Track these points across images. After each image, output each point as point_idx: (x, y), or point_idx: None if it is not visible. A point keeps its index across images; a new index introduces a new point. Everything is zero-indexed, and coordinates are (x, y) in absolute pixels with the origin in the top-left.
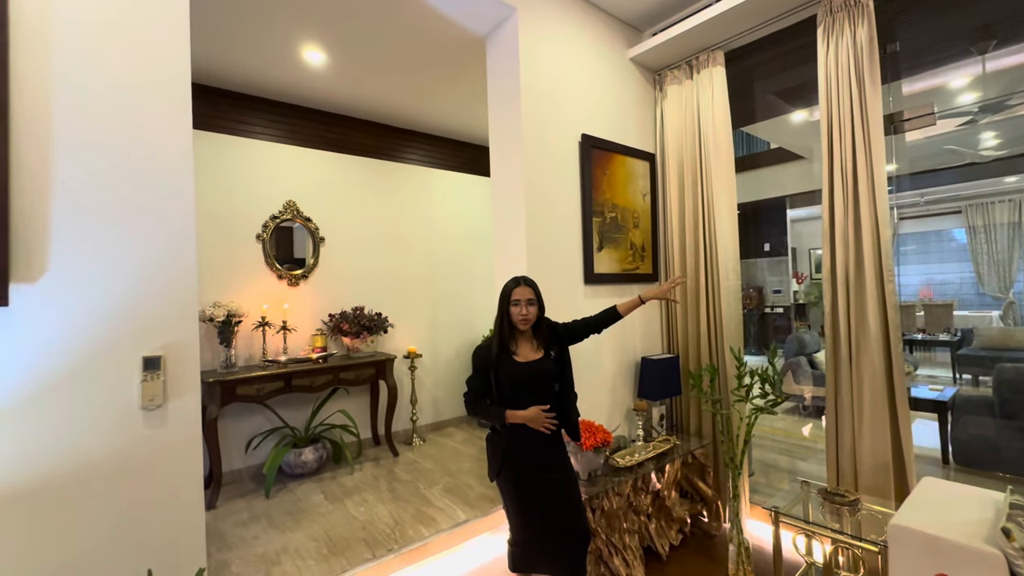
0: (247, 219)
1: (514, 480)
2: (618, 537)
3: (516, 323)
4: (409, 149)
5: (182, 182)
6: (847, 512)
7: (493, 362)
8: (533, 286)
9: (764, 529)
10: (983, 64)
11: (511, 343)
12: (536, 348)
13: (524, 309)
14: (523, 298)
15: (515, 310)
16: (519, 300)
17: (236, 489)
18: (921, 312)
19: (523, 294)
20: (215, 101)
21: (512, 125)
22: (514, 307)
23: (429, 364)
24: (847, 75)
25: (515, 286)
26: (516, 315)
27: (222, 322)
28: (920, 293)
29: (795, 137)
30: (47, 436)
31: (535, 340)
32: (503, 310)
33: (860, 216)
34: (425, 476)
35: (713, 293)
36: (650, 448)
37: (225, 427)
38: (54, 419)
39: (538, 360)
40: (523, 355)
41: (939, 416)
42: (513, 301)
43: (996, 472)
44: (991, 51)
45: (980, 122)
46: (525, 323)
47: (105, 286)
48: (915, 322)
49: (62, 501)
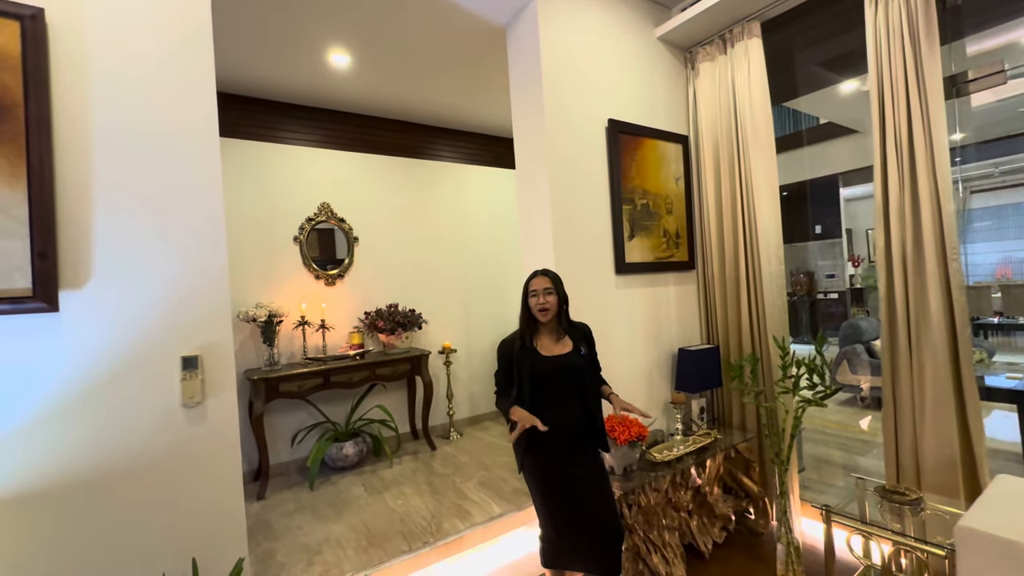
0: (285, 222)
1: (538, 475)
2: (656, 534)
3: (535, 314)
4: (438, 146)
5: (211, 191)
6: (908, 512)
7: (516, 356)
8: (552, 276)
9: (816, 528)
10: None
11: (534, 337)
12: (561, 341)
13: (542, 299)
14: (540, 288)
15: (533, 300)
16: (536, 290)
17: (283, 481)
18: (998, 293)
19: (540, 284)
20: (251, 110)
21: (535, 114)
22: (532, 297)
23: (464, 359)
24: (899, 36)
25: (532, 277)
26: (534, 305)
27: (264, 322)
28: (997, 272)
29: (845, 110)
30: (96, 433)
31: (559, 332)
32: (524, 303)
33: (918, 190)
34: (461, 470)
35: (754, 279)
36: (689, 442)
37: (271, 422)
38: (102, 418)
39: (565, 354)
40: (547, 348)
41: (1019, 408)
42: (531, 292)
43: None
44: None
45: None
46: (544, 313)
47: (144, 291)
48: (990, 304)
49: (113, 494)
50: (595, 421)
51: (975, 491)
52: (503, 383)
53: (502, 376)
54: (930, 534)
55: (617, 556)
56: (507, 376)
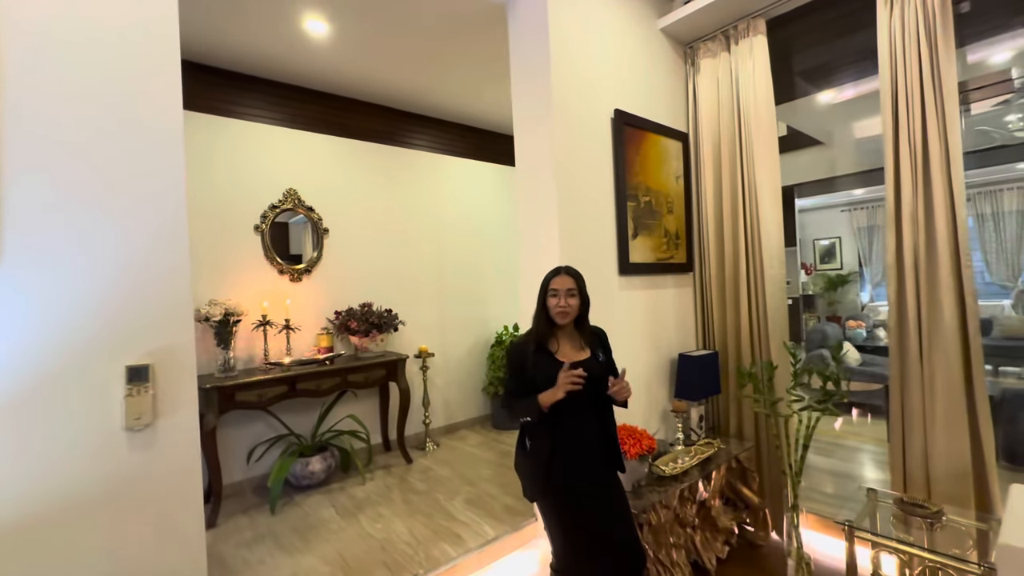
0: (244, 209)
1: (560, 498)
2: (665, 553)
3: (553, 316)
4: (417, 134)
5: (172, 161)
6: (924, 525)
7: (531, 361)
8: (576, 276)
9: (817, 539)
10: None
11: (550, 340)
12: (580, 347)
13: (563, 300)
14: (562, 288)
15: (553, 301)
16: (558, 290)
17: (238, 504)
18: None
19: (563, 283)
20: (208, 80)
21: (541, 99)
22: (552, 298)
23: (440, 363)
24: (915, 37)
25: (555, 275)
26: (554, 307)
27: (219, 322)
28: None
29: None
30: (6, 467)
31: (578, 337)
32: (541, 302)
33: (932, 195)
34: (443, 485)
35: (755, 283)
36: (692, 452)
37: (224, 437)
38: (13, 445)
39: (584, 361)
40: (564, 354)
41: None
42: (551, 291)
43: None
44: None
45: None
46: (563, 316)
47: (78, 282)
48: None
49: (26, 543)
50: (613, 437)
51: (986, 501)
52: (515, 390)
53: (514, 383)
54: (947, 546)
55: None
56: (520, 383)
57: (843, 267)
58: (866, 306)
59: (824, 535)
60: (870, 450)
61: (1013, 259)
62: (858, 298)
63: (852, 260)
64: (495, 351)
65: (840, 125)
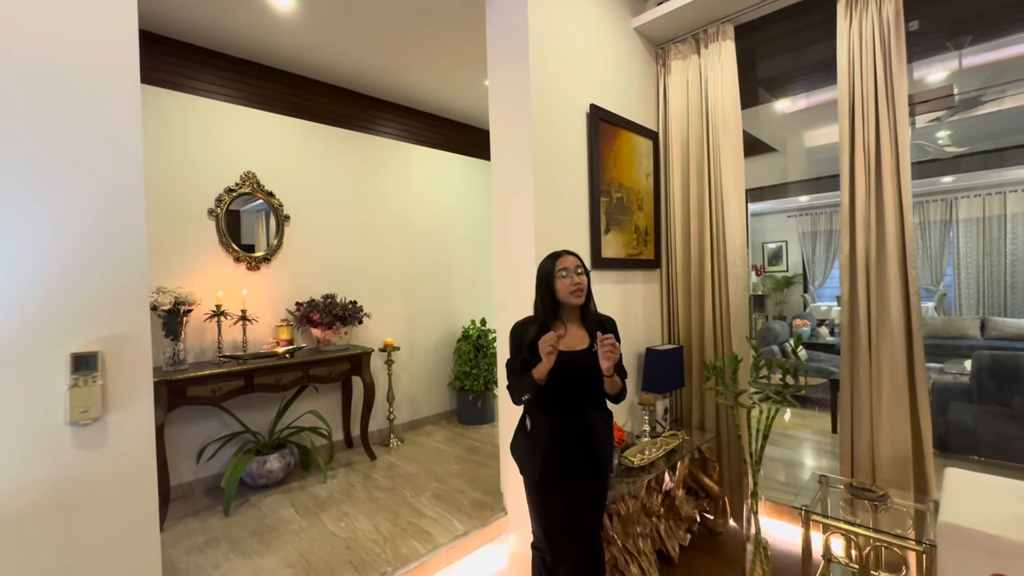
0: (198, 191)
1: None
2: (632, 543)
3: (566, 297)
4: (385, 121)
5: (127, 118)
6: (870, 508)
7: (528, 345)
8: (578, 256)
9: (771, 524)
10: (959, 59)
11: (554, 325)
12: (581, 335)
13: (576, 278)
14: (571, 266)
15: (564, 282)
16: (567, 268)
17: (187, 506)
18: None
19: (570, 262)
20: (161, 51)
21: (519, 85)
22: (562, 279)
23: (406, 358)
24: (871, 49)
25: (557, 257)
26: (567, 287)
27: (168, 311)
28: None
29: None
30: None
31: (582, 325)
32: (546, 289)
33: (883, 199)
34: (409, 482)
35: (719, 281)
36: (658, 444)
37: (173, 434)
38: None
39: (583, 351)
40: (565, 342)
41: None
42: (560, 272)
43: (972, 456)
44: (967, 47)
45: (947, 120)
46: (580, 293)
47: (15, 259)
48: None
49: None
50: (602, 434)
51: (922, 484)
52: (517, 370)
53: (515, 364)
54: (890, 527)
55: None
56: (516, 361)
57: (788, 269)
58: (809, 306)
59: (778, 520)
60: (815, 439)
61: (936, 265)
62: (803, 298)
63: (797, 263)
64: (462, 345)
65: (792, 134)
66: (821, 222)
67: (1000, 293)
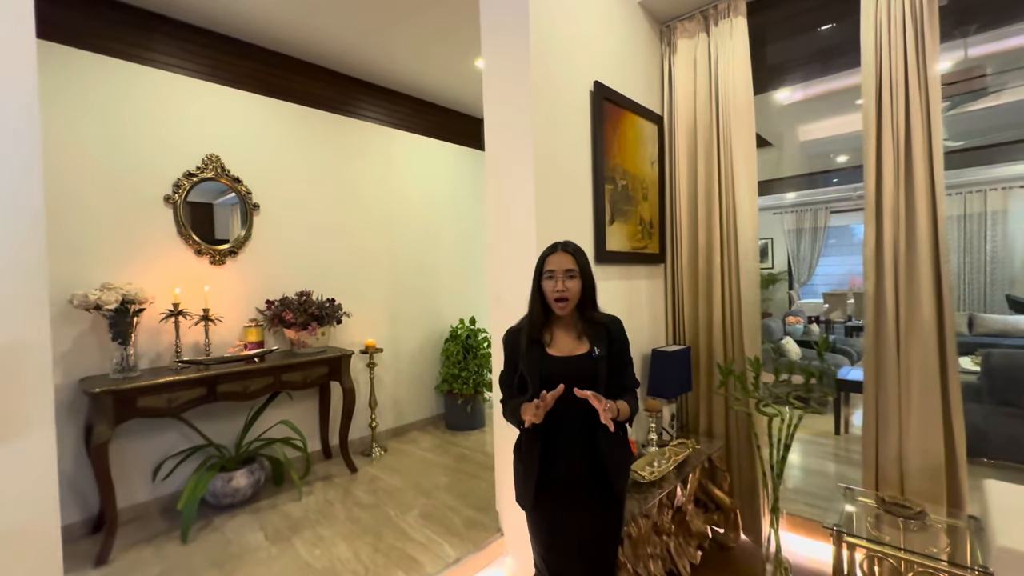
0: (153, 175)
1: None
2: (643, 566)
3: (550, 303)
4: (366, 104)
5: (21, 88)
6: (902, 525)
7: (521, 353)
8: (576, 253)
9: (789, 539)
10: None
11: (544, 331)
12: (578, 340)
13: (560, 284)
14: (559, 269)
15: (548, 285)
16: (554, 272)
17: (140, 531)
18: (851, 300)
19: (559, 263)
20: (112, 17)
21: (518, 60)
22: (547, 280)
23: (390, 360)
24: (900, 29)
25: (550, 253)
26: (550, 292)
27: (115, 311)
28: (850, 281)
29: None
30: None
31: (579, 329)
32: (536, 286)
33: (914, 188)
34: (393, 497)
35: (730, 277)
36: (667, 455)
37: (122, 451)
38: None
39: (579, 356)
40: (559, 347)
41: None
42: (546, 273)
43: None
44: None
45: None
46: (562, 304)
47: None
48: (846, 309)
49: None
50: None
51: (956, 496)
52: (510, 383)
53: (508, 375)
54: (926, 546)
55: None
56: (510, 373)
57: (774, 266)
58: (795, 303)
59: (794, 534)
60: (817, 442)
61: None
62: (788, 295)
63: (782, 260)
64: (449, 346)
65: (787, 128)
66: (806, 219)
67: (980, 290)
